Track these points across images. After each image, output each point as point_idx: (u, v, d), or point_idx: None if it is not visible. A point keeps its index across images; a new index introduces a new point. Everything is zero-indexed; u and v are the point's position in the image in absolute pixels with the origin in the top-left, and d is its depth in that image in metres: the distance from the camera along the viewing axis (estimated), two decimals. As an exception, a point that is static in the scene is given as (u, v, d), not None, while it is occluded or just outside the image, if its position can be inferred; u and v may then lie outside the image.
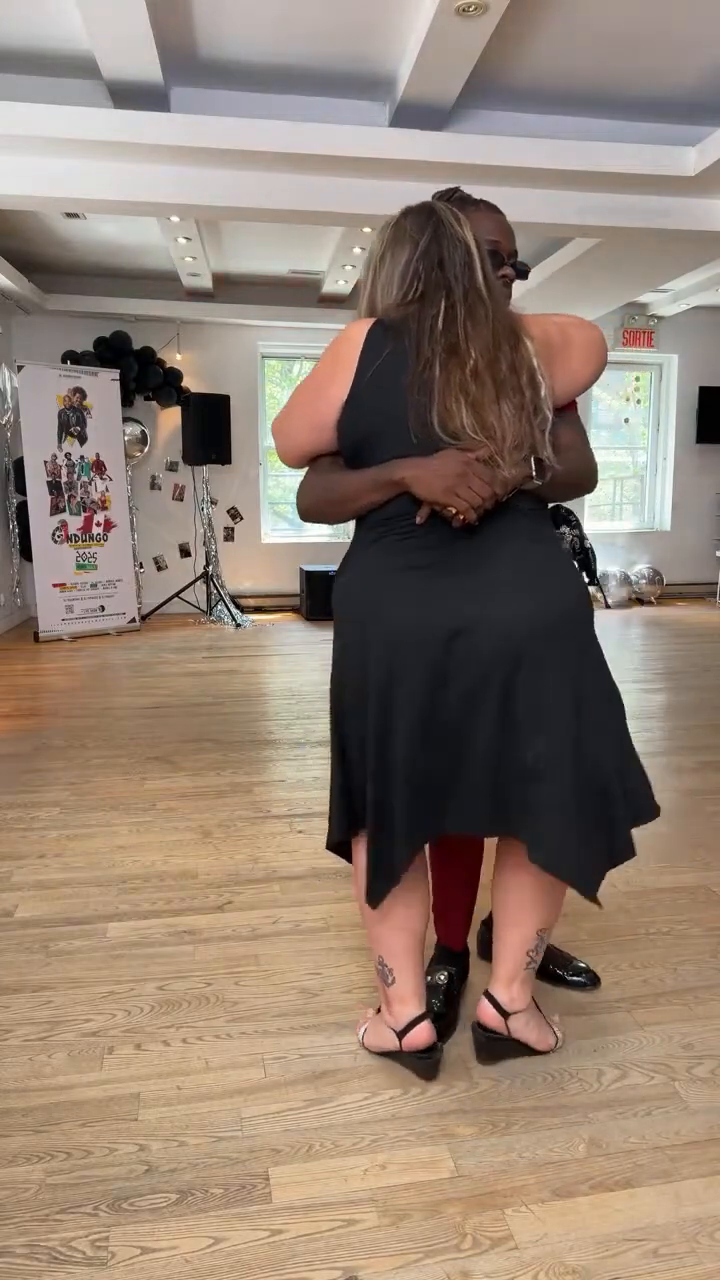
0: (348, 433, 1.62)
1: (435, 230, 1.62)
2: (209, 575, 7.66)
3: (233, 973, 2.16)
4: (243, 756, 3.85)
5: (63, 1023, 1.97)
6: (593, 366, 1.70)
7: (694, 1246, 1.39)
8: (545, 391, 1.58)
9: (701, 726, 4.30)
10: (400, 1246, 1.39)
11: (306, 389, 1.67)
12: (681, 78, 3.91)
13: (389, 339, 1.57)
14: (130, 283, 7.43)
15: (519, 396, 1.55)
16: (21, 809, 3.24)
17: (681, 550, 8.88)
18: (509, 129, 4.20)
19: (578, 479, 1.70)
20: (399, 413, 1.55)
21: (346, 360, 1.60)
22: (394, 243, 1.65)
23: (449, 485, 1.50)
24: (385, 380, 1.56)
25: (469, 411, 1.52)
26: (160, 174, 4.24)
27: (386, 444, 1.58)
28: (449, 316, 1.56)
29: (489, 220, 1.83)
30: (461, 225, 1.63)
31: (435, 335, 1.55)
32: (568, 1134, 1.63)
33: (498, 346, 1.55)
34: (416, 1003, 1.75)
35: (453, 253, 1.60)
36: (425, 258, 1.60)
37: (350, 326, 1.63)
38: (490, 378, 1.54)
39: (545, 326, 1.65)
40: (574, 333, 1.67)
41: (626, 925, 2.39)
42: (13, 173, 4.14)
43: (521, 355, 1.57)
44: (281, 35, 3.57)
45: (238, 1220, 1.44)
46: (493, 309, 1.59)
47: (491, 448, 1.52)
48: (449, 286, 1.58)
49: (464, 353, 1.54)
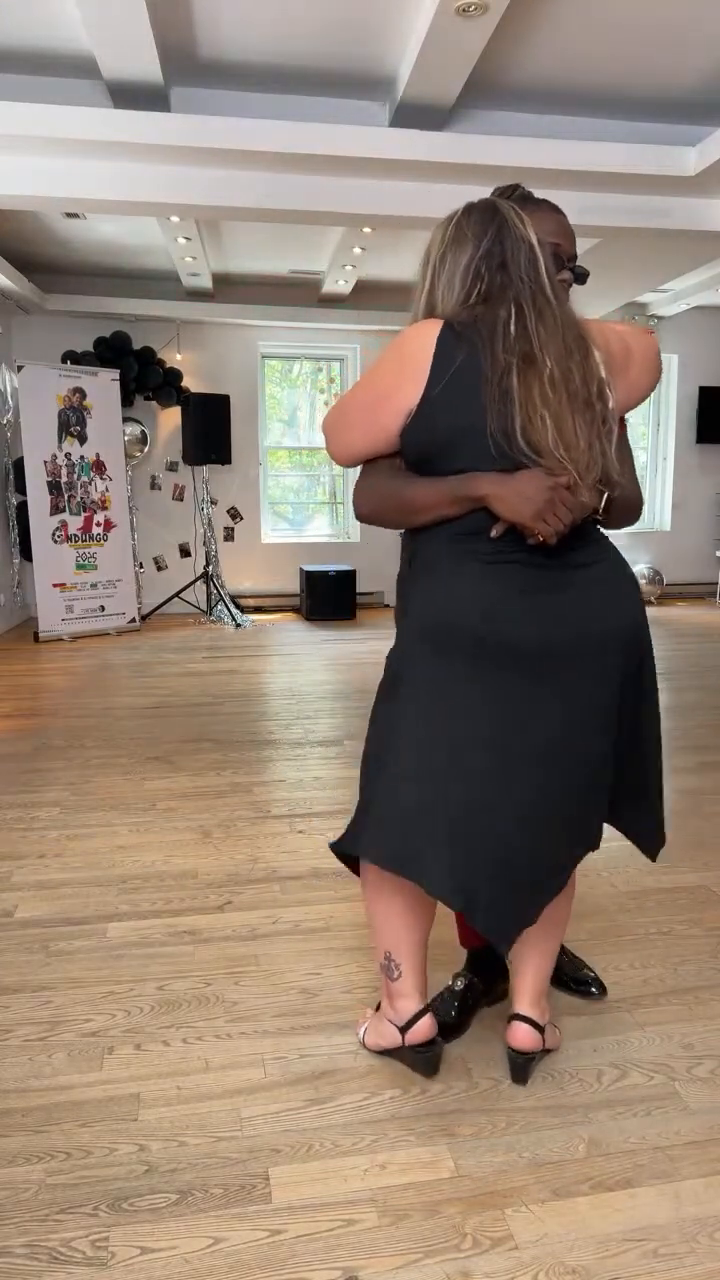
0: (417, 442, 1.56)
1: (499, 229, 1.55)
2: (209, 575, 7.66)
3: (233, 973, 2.16)
4: (243, 756, 3.85)
5: (63, 1023, 1.97)
6: (650, 379, 1.65)
7: (694, 1246, 1.39)
8: (613, 404, 1.54)
9: (701, 726, 4.30)
10: (400, 1246, 1.39)
11: (367, 392, 1.59)
12: (681, 78, 3.91)
13: (461, 344, 1.50)
14: (130, 283, 7.43)
15: (590, 411, 1.51)
16: (21, 809, 3.24)
17: (681, 550, 8.88)
18: (509, 129, 4.20)
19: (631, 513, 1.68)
20: (477, 423, 1.49)
21: (416, 365, 1.52)
22: (455, 242, 1.57)
23: (538, 510, 1.46)
24: (461, 388, 1.49)
25: (552, 425, 1.48)
26: (160, 174, 4.24)
27: (463, 455, 1.52)
28: (520, 320, 1.50)
29: (551, 221, 1.75)
30: (525, 225, 1.57)
31: (510, 340, 1.49)
32: (568, 1134, 1.63)
33: (569, 355, 1.50)
34: (419, 998, 1.75)
35: (517, 253, 1.53)
36: (488, 258, 1.53)
37: (418, 328, 1.55)
38: (565, 389, 1.49)
39: (607, 334, 1.60)
40: (633, 342, 1.62)
41: (626, 925, 2.39)
42: (13, 173, 4.14)
43: (592, 366, 1.53)
44: (281, 35, 3.57)
45: (237, 1220, 1.44)
46: (560, 314, 1.54)
47: (574, 472, 1.48)
48: (516, 288, 1.52)
49: (540, 360, 1.48)
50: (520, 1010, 1.75)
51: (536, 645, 1.52)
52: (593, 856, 2.80)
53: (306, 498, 8.61)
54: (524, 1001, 1.75)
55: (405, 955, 1.74)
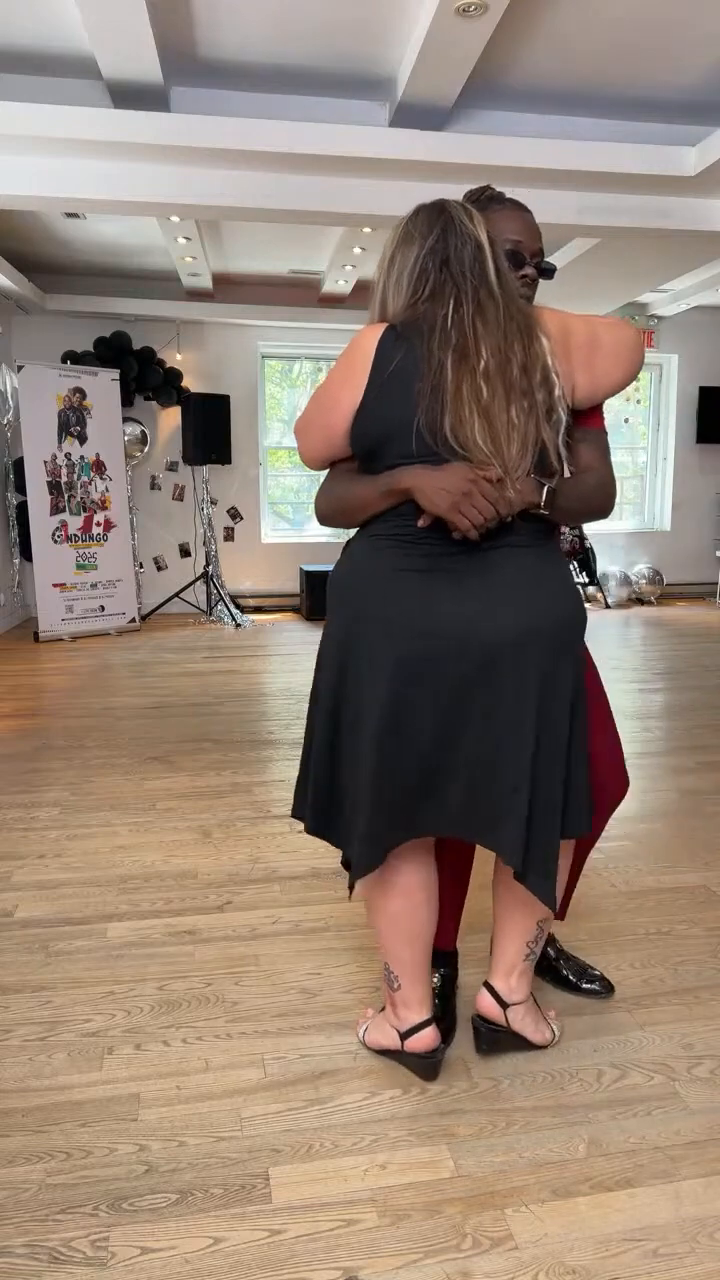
0: (359, 441, 1.60)
1: (444, 228, 1.58)
2: (209, 575, 7.66)
3: (233, 973, 2.16)
4: (243, 756, 3.85)
5: (63, 1023, 1.97)
6: (622, 370, 1.63)
7: (694, 1246, 1.39)
8: (560, 392, 1.54)
9: (701, 726, 4.30)
10: (400, 1246, 1.39)
11: (320, 397, 1.65)
12: (681, 78, 3.91)
13: (400, 344, 1.54)
14: (130, 283, 7.43)
15: (529, 399, 1.51)
16: (21, 809, 3.24)
17: (681, 550, 8.88)
18: (509, 129, 4.19)
19: (591, 505, 1.64)
20: (408, 418, 1.52)
21: (359, 369, 1.57)
22: (403, 242, 1.61)
23: (454, 502, 1.48)
24: (396, 387, 1.53)
25: (480, 419, 1.49)
26: (160, 174, 4.24)
27: (394, 451, 1.56)
28: (458, 315, 1.53)
29: (514, 220, 1.78)
30: (473, 221, 1.59)
31: (446, 336, 1.52)
32: (568, 1134, 1.63)
33: (509, 346, 1.52)
34: (422, 1009, 1.76)
35: (461, 250, 1.56)
36: (432, 255, 1.57)
37: (362, 334, 1.60)
38: (501, 380, 1.50)
39: (567, 322, 1.59)
40: (604, 332, 1.61)
41: (626, 925, 2.39)
42: (13, 173, 4.14)
43: (535, 353, 1.53)
44: (281, 35, 3.57)
45: (237, 1220, 1.44)
46: (504, 306, 1.55)
47: (499, 469, 1.49)
48: (457, 284, 1.55)
49: (474, 354, 1.51)
50: (488, 979, 1.81)
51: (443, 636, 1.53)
52: (593, 856, 2.80)
53: (306, 498, 8.60)
54: (493, 972, 1.80)
55: (402, 969, 1.75)
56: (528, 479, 1.53)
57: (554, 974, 2.10)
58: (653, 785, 3.47)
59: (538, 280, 1.82)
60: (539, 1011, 1.85)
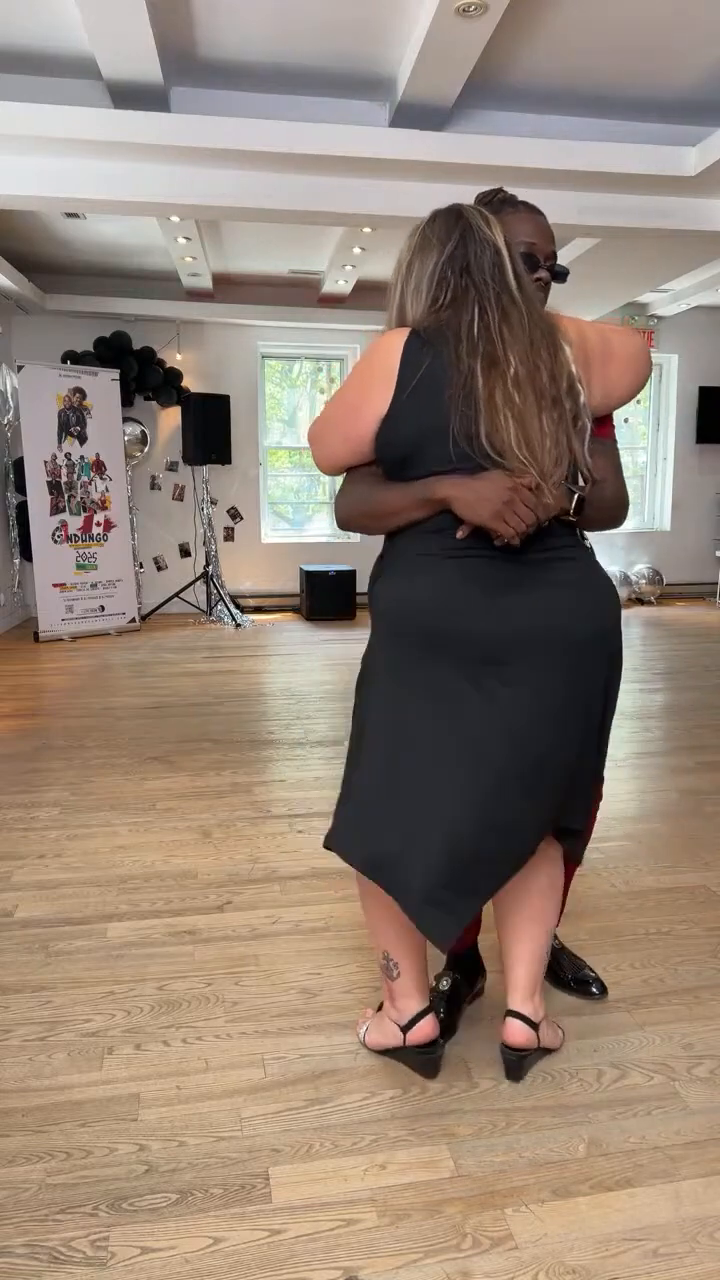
0: (387, 449, 1.58)
1: (462, 234, 1.57)
2: (209, 575, 7.66)
3: (233, 973, 2.16)
4: (243, 756, 3.85)
5: (63, 1023, 1.97)
6: (632, 379, 1.64)
7: (694, 1246, 1.39)
8: (584, 400, 1.55)
9: (701, 726, 4.30)
10: (400, 1246, 1.39)
11: (342, 403, 1.63)
12: (681, 78, 3.91)
13: (427, 350, 1.53)
14: (130, 283, 7.43)
15: (559, 408, 1.51)
16: (21, 809, 3.24)
17: (681, 550, 8.88)
18: (509, 129, 4.20)
19: (610, 515, 1.67)
20: (442, 426, 1.51)
21: (384, 375, 1.55)
22: (420, 248, 1.60)
23: (496, 510, 1.47)
24: (426, 394, 1.52)
25: (515, 426, 1.49)
26: (160, 174, 4.24)
27: (430, 459, 1.54)
28: (484, 323, 1.52)
29: (528, 223, 1.78)
30: (490, 226, 1.59)
31: (473, 343, 1.51)
32: (568, 1134, 1.63)
33: (536, 354, 1.52)
34: (421, 997, 1.75)
35: (480, 256, 1.56)
36: (452, 262, 1.56)
37: (385, 338, 1.58)
38: (531, 388, 1.50)
39: (584, 331, 1.60)
40: (616, 341, 1.62)
41: (626, 925, 2.39)
42: (13, 173, 4.14)
43: (561, 362, 1.53)
44: (281, 35, 3.57)
45: (237, 1220, 1.44)
46: (527, 312, 1.55)
47: (536, 475, 1.49)
48: (479, 291, 1.54)
49: (504, 361, 1.50)
50: (513, 1006, 1.75)
51: (494, 641, 1.53)
52: (592, 857, 2.80)
53: (306, 498, 8.61)
54: (517, 997, 1.74)
55: (402, 954, 1.74)
56: (559, 486, 1.54)
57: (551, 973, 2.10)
58: (653, 785, 3.47)
59: (550, 283, 1.82)
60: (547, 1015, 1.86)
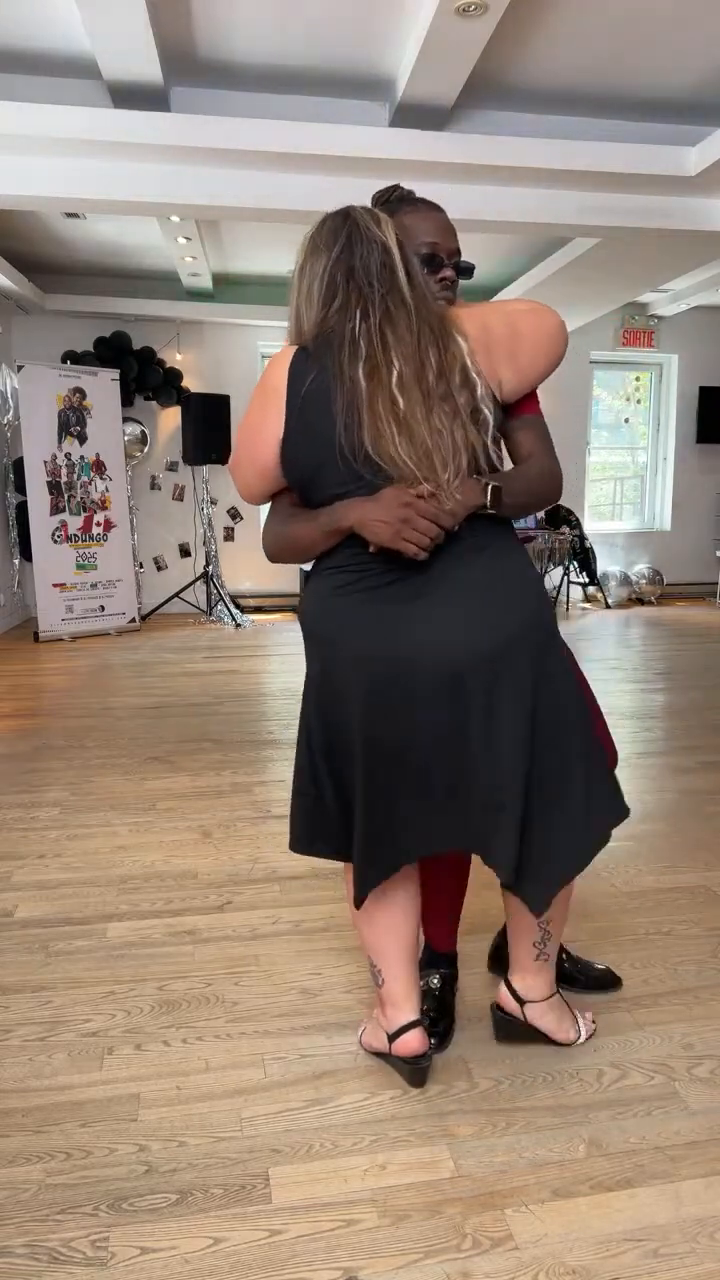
0: (291, 471, 1.57)
1: (349, 236, 1.52)
2: (209, 575, 7.66)
3: (233, 973, 2.16)
4: (243, 756, 3.85)
5: (63, 1023, 1.97)
6: (544, 359, 1.58)
7: (694, 1246, 1.39)
8: (484, 391, 1.50)
9: (701, 726, 4.30)
10: (400, 1246, 1.39)
11: (244, 432, 1.61)
12: (681, 78, 3.91)
13: (312, 365, 1.50)
14: (130, 283, 7.43)
15: (450, 403, 1.47)
16: (21, 809, 3.24)
17: (681, 550, 8.88)
18: (509, 129, 4.20)
19: (539, 494, 1.61)
20: (333, 444, 1.48)
21: (274, 398, 1.53)
22: (310, 254, 1.56)
23: (395, 531, 1.44)
24: (315, 411, 1.49)
25: (400, 432, 1.45)
26: (160, 174, 4.23)
27: (331, 474, 1.51)
28: (365, 326, 1.48)
29: (427, 220, 1.70)
30: (379, 225, 1.54)
31: (355, 349, 1.47)
32: (568, 1134, 1.62)
33: (423, 352, 1.47)
34: (409, 1008, 1.74)
35: (368, 257, 1.51)
36: (338, 266, 1.51)
37: (273, 360, 1.56)
38: (418, 388, 1.46)
39: (486, 319, 1.55)
40: (523, 322, 1.56)
41: (626, 925, 2.38)
42: (13, 173, 4.14)
43: (451, 355, 1.49)
44: (281, 35, 3.57)
45: (237, 1220, 1.44)
46: (415, 311, 1.50)
47: (432, 483, 1.45)
48: (364, 295, 1.50)
49: (384, 365, 1.46)
50: (508, 976, 1.83)
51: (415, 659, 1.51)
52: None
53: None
54: (511, 972, 1.82)
55: (387, 963, 1.74)
56: (470, 481, 1.50)
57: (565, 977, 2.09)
58: (653, 785, 3.47)
59: (458, 280, 1.76)
60: (565, 1009, 1.85)
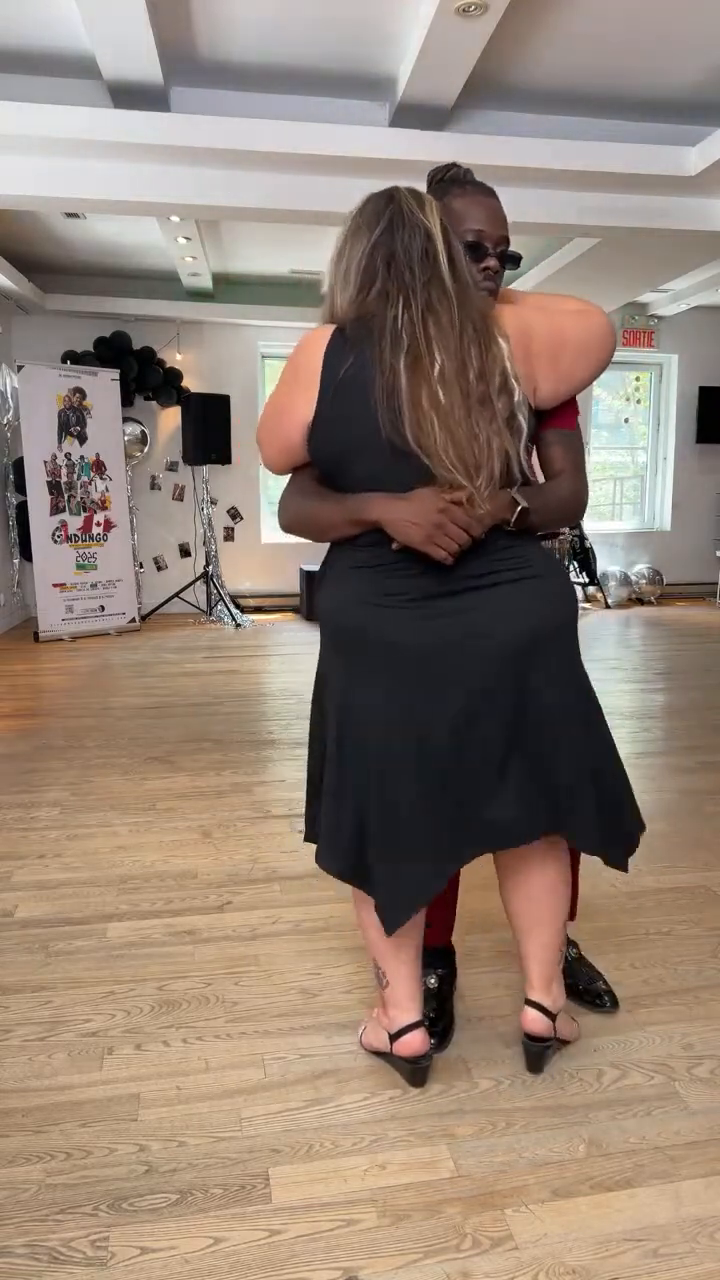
0: (318, 452, 1.55)
1: (390, 219, 1.47)
2: (209, 575, 7.66)
3: (233, 973, 2.16)
4: (243, 756, 3.85)
5: (63, 1023, 1.97)
6: (586, 366, 1.54)
7: (694, 1246, 1.39)
8: (520, 398, 1.47)
9: (701, 726, 4.30)
10: (400, 1246, 1.39)
11: (272, 407, 1.59)
12: (681, 78, 3.91)
13: (350, 348, 1.47)
14: (130, 283, 7.43)
15: (489, 408, 1.44)
16: (21, 809, 3.24)
17: (681, 550, 8.88)
18: (509, 129, 4.20)
19: (563, 515, 1.58)
20: (371, 427, 1.46)
21: (307, 377, 1.50)
22: (351, 235, 1.51)
23: (428, 535, 1.43)
24: (351, 395, 1.46)
25: (441, 427, 1.43)
26: (160, 174, 4.23)
27: (361, 461, 1.49)
28: (408, 316, 1.44)
29: (477, 207, 1.63)
30: (424, 209, 1.48)
31: (397, 339, 1.44)
32: (568, 1134, 1.62)
33: (465, 350, 1.44)
34: (413, 1009, 1.74)
35: (410, 242, 1.45)
36: (379, 250, 1.46)
37: (308, 338, 1.51)
38: (459, 387, 1.43)
39: (528, 320, 1.51)
40: (569, 326, 1.52)
41: (626, 925, 2.38)
42: (13, 173, 4.14)
43: (493, 357, 1.45)
44: (281, 35, 3.57)
45: (237, 1220, 1.44)
46: (459, 304, 1.46)
47: (469, 488, 1.43)
48: (404, 282, 1.45)
49: (428, 358, 1.43)
50: (531, 996, 1.74)
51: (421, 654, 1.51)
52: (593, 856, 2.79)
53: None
54: (533, 988, 1.74)
55: (391, 965, 1.73)
56: (500, 493, 1.48)
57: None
58: (653, 785, 3.46)
59: (502, 271, 1.67)
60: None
